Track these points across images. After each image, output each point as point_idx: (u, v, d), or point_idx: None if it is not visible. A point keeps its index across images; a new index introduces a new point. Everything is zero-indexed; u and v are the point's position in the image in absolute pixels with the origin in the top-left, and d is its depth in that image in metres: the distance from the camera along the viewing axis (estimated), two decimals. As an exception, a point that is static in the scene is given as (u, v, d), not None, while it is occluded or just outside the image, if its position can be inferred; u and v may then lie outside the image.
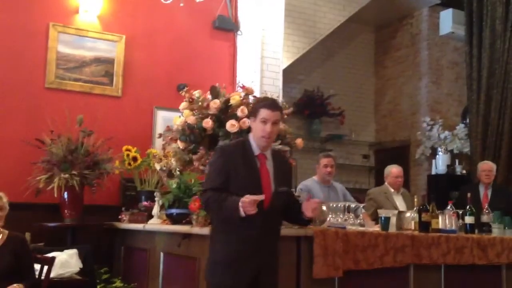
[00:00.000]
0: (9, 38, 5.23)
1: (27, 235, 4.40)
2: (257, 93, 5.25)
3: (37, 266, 3.76)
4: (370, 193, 5.62)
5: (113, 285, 4.51)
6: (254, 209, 2.74)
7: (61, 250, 4.46)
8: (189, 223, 3.82)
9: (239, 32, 6.37)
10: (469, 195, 4.75)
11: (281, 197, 2.99)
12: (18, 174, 4.86)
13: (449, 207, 4.49)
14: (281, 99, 5.67)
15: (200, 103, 4.26)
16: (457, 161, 8.32)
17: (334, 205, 4.29)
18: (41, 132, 4.87)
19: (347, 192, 5.32)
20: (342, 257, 3.66)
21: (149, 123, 5.76)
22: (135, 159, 5.08)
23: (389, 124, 9.41)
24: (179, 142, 4.24)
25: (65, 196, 4.78)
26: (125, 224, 4.74)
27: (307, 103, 8.75)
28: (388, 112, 9.45)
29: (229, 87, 5.63)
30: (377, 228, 4.29)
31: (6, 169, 4.99)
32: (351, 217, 4.22)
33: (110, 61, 5.62)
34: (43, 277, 3.72)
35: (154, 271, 4.08)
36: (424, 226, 4.23)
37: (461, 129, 8.44)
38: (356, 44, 9.65)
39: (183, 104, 4.29)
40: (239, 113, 3.96)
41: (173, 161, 4.32)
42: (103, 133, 5.06)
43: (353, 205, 4.44)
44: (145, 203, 4.75)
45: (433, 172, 8.37)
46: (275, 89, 6.15)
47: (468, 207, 4.59)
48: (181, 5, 5.40)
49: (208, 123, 4.10)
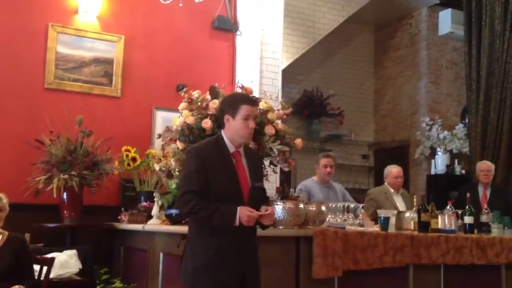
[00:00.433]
0: (8, 38, 5.23)
1: (27, 235, 4.39)
2: (256, 93, 5.25)
3: (37, 266, 3.76)
4: (370, 193, 5.62)
5: (113, 285, 4.51)
6: (253, 222, 2.77)
7: (61, 250, 4.46)
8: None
9: (238, 32, 6.36)
10: (468, 195, 4.76)
11: (258, 192, 2.94)
12: (17, 174, 4.86)
13: (448, 207, 4.50)
14: (280, 99, 5.67)
15: (199, 104, 4.26)
16: (456, 161, 8.33)
17: (333, 206, 4.30)
18: (40, 132, 4.86)
19: (346, 192, 5.33)
20: (341, 257, 3.66)
21: (148, 124, 5.75)
22: (134, 159, 5.08)
23: (389, 124, 9.41)
24: (178, 142, 4.23)
25: (65, 196, 4.78)
26: (125, 224, 4.73)
27: (306, 103, 8.75)
28: (387, 112, 9.45)
29: (228, 87, 5.62)
30: (376, 228, 4.29)
31: (5, 169, 4.99)
32: (350, 217, 4.23)
33: (109, 62, 5.61)
34: (42, 277, 3.72)
35: (153, 272, 4.08)
36: (423, 226, 4.24)
37: (460, 129, 8.44)
38: (355, 44, 9.65)
39: (182, 104, 4.28)
40: (238, 113, 3.95)
41: (172, 162, 4.31)
42: (103, 133, 5.05)
43: (352, 205, 4.45)
44: (144, 204, 4.75)
45: (433, 172, 8.38)
46: (274, 89, 6.14)
47: (467, 207, 4.60)
48: (180, 5, 5.40)
49: (207, 124, 4.10)
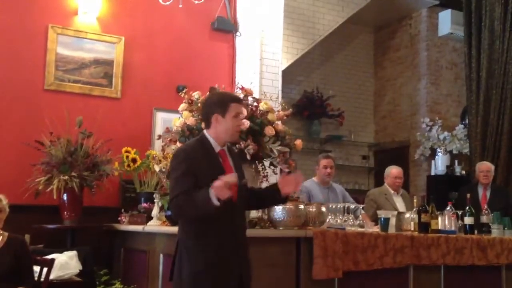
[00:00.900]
0: (8, 39, 5.23)
1: (27, 237, 4.39)
2: (256, 94, 5.24)
3: (37, 268, 3.76)
4: (369, 194, 5.62)
5: (113, 286, 4.50)
6: (227, 191, 2.53)
7: (61, 251, 4.46)
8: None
9: (238, 33, 6.36)
10: (469, 195, 4.75)
11: (245, 189, 2.92)
12: (17, 176, 4.86)
13: (448, 208, 4.49)
14: (280, 100, 5.67)
15: (199, 105, 4.25)
16: (456, 162, 8.32)
17: (333, 206, 4.30)
18: (40, 133, 4.86)
19: (346, 193, 5.33)
20: (341, 258, 3.66)
21: (148, 125, 5.75)
22: (134, 160, 5.07)
23: (389, 125, 9.41)
24: (178, 143, 4.22)
25: (65, 197, 4.78)
26: (125, 225, 4.73)
27: (306, 104, 8.75)
28: (387, 113, 9.45)
29: (228, 88, 5.62)
30: (376, 229, 4.29)
31: (5, 170, 4.99)
32: (350, 218, 4.23)
33: (109, 63, 5.61)
34: (42, 279, 3.72)
35: (153, 273, 4.07)
36: (423, 226, 4.23)
37: (460, 130, 8.44)
38: (355, 45, 9.65)
39: (182, 105, 4.27)
40: (238, 114, 3.95)
41: (172, 163, 4.30)
42: (103, 134, 5.06)
43: (352, 206, 4.45)
44: (144, 205, 4.74)
45: (433, 172, 8.38)
46: (274, 90, 6.14)
47: (467, 207, 4.60)
48: (180, 6, 5.42)
49: (207, 125, 4.09)
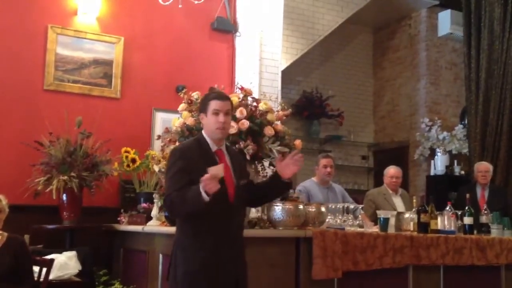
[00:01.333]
0: (7, 40, 5.23)
1: (26, 237, 4.40)
2: (256, 94, 5.24)
3: (36, 268, 3.76)
4: (368, 194, 5.63)
5: (112, 287, 4.50)
6: (215, 184, 2.53)
7: (60, 252, 4.46)
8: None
9: (237, 33, 6.36)
10: (468, 195, 4.76)
11: (243, 190, 2.91)
12: (17, 176, 4.86)
13: (448, 208, 4.49)
14: (279, 100, 5.66)
15: (198, 105, 4.25)
16: (455, 162, 8.32)
17: (333, 207, 4.30)
18: (39, 134, 4.86)
19: (345, 193, 5.33)
20: (341, 258, 3.66)
21: (148, 125, 5.75)
22: (133, 160, 5.07)
23: (388, 125, 9.41)
24: (177, 143, 4.22)
25: (64, 198, 4.78)
26: (124, 226, 4.73)
27: (305, 104, 8.75)
28: (386, 113, 9.45)
29: (228, 89, 5.61)
30: (376, 229, 4.29)
31: (5, 171, 4.99)
32: (350, 218, 4.23)
33: (108, 63, 5.61)
34: (42, 279, 3.72)
35: (153, 273, 4.07)
36: (423, 227, 4.24)
37: (459, 130, 8.44)
38: (354, 45, 9.65)
39: (182, 105, 4.27)
40: (237, 114, 3.94)
41: (172, 163, 4.30)
42: (102, 134, 5.06)
43: (352, 206, 4.45)
44: (144, 205, 4.74)
45: (432, 173, 8.38)
46: (273, 90, 6.14)
47: (467, 207, 4.60)
48: (180, 6, 5.42)
49: (206, 125, 4.09)
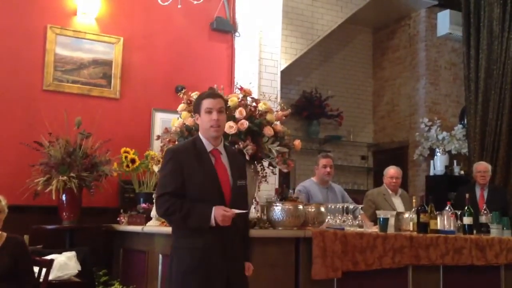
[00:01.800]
0: (7, 40, 5.22)
1: (26, 237, 4.39)
2: (255, 95, 5.24)
3: (36, 268, 3.75)
4: (368, 195, 5.63)
5: (112, 287, 4.50)
6: (229, 222, 2.67)
7: (60, 252, 4.45)
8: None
9: (237, 33, 6.36)
10: (467, 195, 4.76)
11: (241, 191, 2.91)
12: (16, 176, 4.86)
13: (447, 208, 4.50)
14: (279, 100, 5.66)
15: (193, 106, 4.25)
16: (455, 162, 8.33)
17: (332, 207, 4.30)
18: (39, 134, 4.86)
19: (345, 193, 5.33)
20: (340, 258, 3.66)
21: (147, 125, 5.75)
22: (133, 161, 5.07)
23: (387, 125, 9.41)
24: (177, 144, 4.22)
25: (64, 198, 4.78)
26: (124, 226, 4.73)
27: (305, 105, 8.75)
28: (386, 113, 9.46)
29: (227, 89, 5.63)
30: (375, 229, 4.29)
31: (4, 171, 4.98)
32: (349, 218, 4.23)
33: (108, 63, 5.61)
34: (41, 279, 3.71)
35: (152, 273, 4.07)
36: (422, 227, 4.24)
37: (459, 130, 8.44)
38: (353, 45, 9.66)
39: (181, 105, 4.27)
40: (237, 114, 3.95)
41: (171, 163, 4.29)
42: (101, 135, 5.05)
43: (351, 206, 4.45)
44: (143, 205, 4.74)
45: (431, 173, 8.39)
46: (273, 90, 6.14)
47: (466, 207, 4.60)
48: (179, 6, 5.42)
49: (206, 125, 4.08)
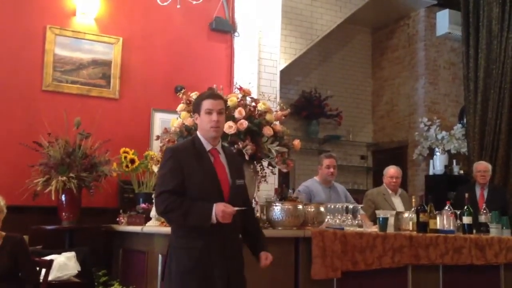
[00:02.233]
0: (6, 40, 5.22)
1: (25, 238, 4.37)
2: (255, 95, 5.25)
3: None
4: (367, 194, 5.63)
5: (112, 287, 4.50)
6: (230, 219, 2.68)
7: (59, 253, 4.45)
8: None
9: (236, 33, 6.36)
10: (467, 195, 4.76)
11: (239, 190, 2.92)
12: (15, 177, 4.85)
13: (447, 208, 4.50)
14: (278, 100, 5.66)
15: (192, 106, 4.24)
16: (454, 162, 8.34)
17: (332, 206, 4.30)
18: (38, 134, 4.86)
19: (348, 193, 5.33)
20: (340, 258, 3.66)
21: (147, 125, 5.75)
22: (132, 161, 5.07)
23: (387, 124, 9.42)
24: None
25: (63, 198, 4.77)
26: (123, 226, 4.72)
27: (304, 105, 8.76)
28: (385, 112, 9.46)
29: (227, 89, 5.63)
30: (375, 229, 4.29)
31: (3, 171, 4.98)
32: (349, 218, 4.22)
33: (107, 63, 5.61)
34: (41, 280, 3.71)
35: (152, 273, 4.07)
36: (422, 226, 4.24)
37: (458, 130, 8.45)
38: (353, 45, 9.66)
39: (181, 106, 4.27)
40: (236, 114, 3.95)
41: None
42: (101, 135, 5.05)
43: (351, 206, 4.45)
44: (143, 205, 4.73)
45: (431, 172, 8.39)
46: (272, 90, 6.14)
47: (466, 207, 4.60)
48: (178, 7, 5.42)
49: (205, 125, 4.08)
